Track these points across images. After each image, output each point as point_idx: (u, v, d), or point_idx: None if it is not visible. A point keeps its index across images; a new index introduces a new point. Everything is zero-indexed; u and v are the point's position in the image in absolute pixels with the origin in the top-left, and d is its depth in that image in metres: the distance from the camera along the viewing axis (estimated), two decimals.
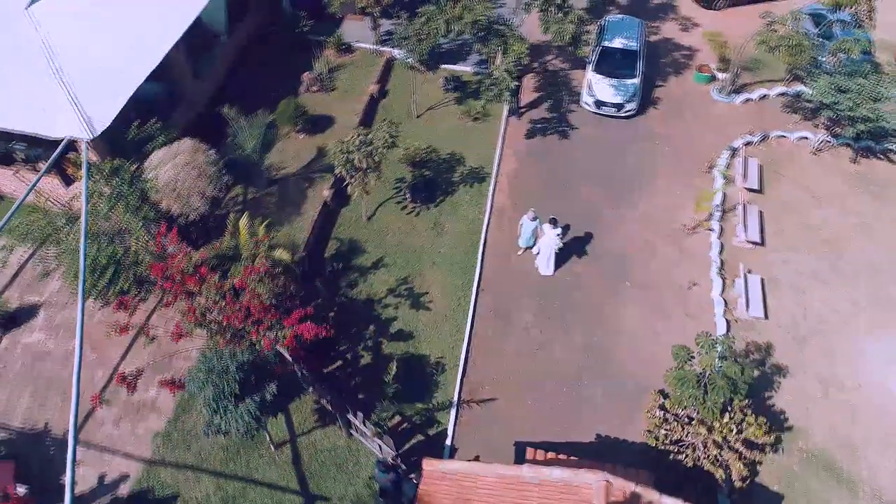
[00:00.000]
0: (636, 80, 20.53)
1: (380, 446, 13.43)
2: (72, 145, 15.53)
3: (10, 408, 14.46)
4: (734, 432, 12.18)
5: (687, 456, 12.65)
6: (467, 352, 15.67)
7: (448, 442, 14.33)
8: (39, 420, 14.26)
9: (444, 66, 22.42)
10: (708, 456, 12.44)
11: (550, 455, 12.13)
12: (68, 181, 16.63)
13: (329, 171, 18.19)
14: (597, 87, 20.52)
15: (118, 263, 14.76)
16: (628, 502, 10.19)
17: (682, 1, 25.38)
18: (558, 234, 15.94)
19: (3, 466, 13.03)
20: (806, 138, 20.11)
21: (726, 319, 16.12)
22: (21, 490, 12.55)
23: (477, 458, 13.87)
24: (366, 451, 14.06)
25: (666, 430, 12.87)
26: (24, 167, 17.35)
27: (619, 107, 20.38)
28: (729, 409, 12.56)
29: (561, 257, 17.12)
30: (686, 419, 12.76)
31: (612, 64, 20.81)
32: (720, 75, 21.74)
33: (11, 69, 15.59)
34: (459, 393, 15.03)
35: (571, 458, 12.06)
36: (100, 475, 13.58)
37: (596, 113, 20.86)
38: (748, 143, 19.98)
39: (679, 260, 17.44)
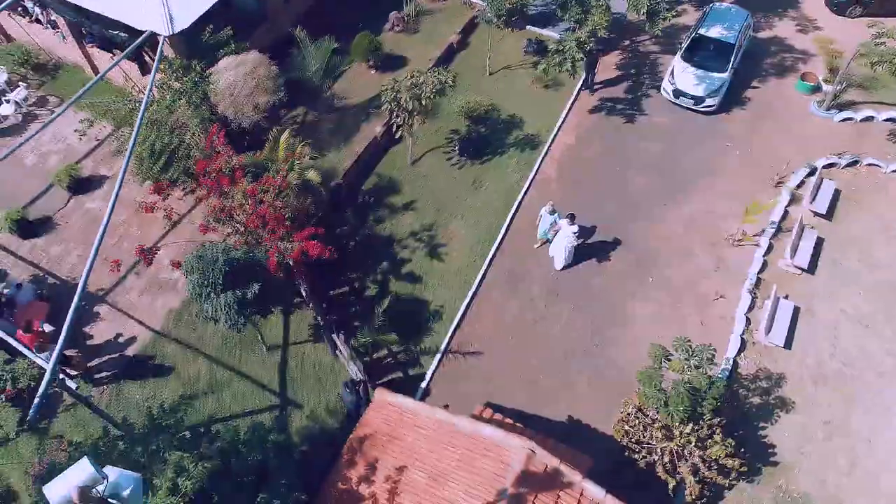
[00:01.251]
0: (724, 76, 19.20)
1: (356, 370, 14.14)
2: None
3: (61, 259, 16.41)
4: (693, 444, 11.71)
5: (642, 457, 12.35)
6: (468, 306, 15.89)
7: (423, 384, 14.77)
8: (81, 275, 16.03)
9: (531, 27, 22.04)
10: (662, 463, 12.09)
11: (497, 416, 12.25)
12: (146, 71, 18.16)
13: None
14: (679, 76, 19.42)
15: (172, 153, 16.14)
16: (548, 476, 10.22)
17: (810, 1, 23.15)
18: (574, 233, 15.44)
19: (39, 305, 14.94)
20: None
21: (742, 339, 15.23)
22: (47, 328, 14.34)
23: (446, 407, 14.21)
24: (346, 372, 14.78)
25: (630, 426, 12.60)
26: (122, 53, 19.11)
27: (698, 100, 19.21)
28: (700, 422, 12.05)
29: (591, 243, 16.75)
30: (652, 421, 12.40)
31: (703, 54, 19.56)
32: (825, 87, 19.86)
33: None
34: (448, 343, 15.35)
35: (517, 424, 12.11)
36: (116, 334, 15.23)
37: (673, 102, 19.80)
38: (830, 165, 18.28)
39: (713, 269, 16.54)
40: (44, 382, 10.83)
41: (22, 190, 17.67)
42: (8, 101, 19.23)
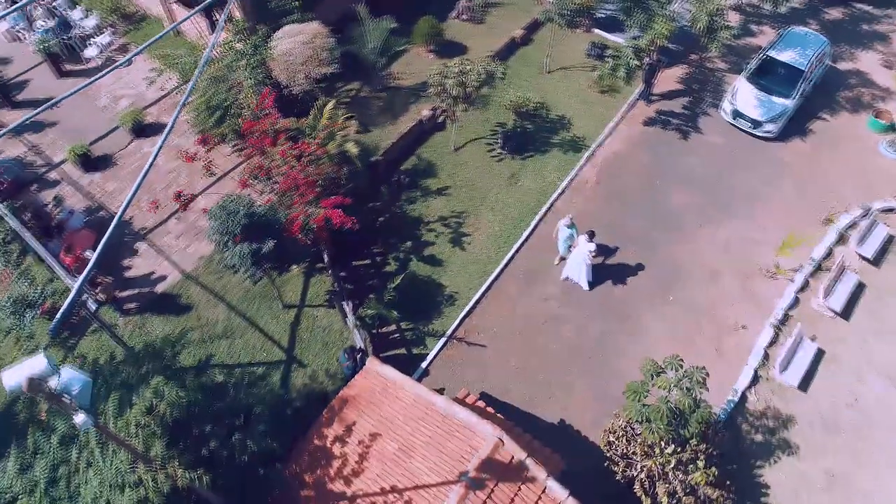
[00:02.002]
0: (788, 102, 18.41)
1: (360, 339, 14.59)
2: None
3: (114, 195, 17.59)
4: (672, 466, 11.48)
5: (622, 470, 12.21)
6: (481, 296, 16.03)
7: (424, 364, 15.04)
8: (128, 213, 17.22)
9: (597, 31, 21.80)
10: (640, 480, 11.92)
11: (480, 403, 12.38)
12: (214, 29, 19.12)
13: None
14: (740, 96, 18.76)
15: (226, 110, 17.00)
16: (513, 467, 10.31)
17: None
18: (591, 251, 15.15)
19: (87, 233, 16.11)
20: None
21: (756, 372, 14.72)
22: (88, 254, 15.47)
23: (441, 391, 14.46)
24: (353, 341, 15.25)
25: (615, 438, 12.48)
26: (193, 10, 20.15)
27: (756, 124, 18.53)
28: (685, 445, 11.78)
29: (617, 254, 16.55)
30: (636, 436, 12.23)
31: (770, 77, 18.82)
32: None
33: None
34: (455, 328, 15.55)
35: (498, 415, 12.20)
36: (149, 271, 16.25)
37: (731, 123, 19.17)
38: (889, 210, 17.27)
39: (740, 298, 16.01)
40: (68, 300, 11.73)
41: (91, 127, 19.05)
42: (93, 45, 20.70)
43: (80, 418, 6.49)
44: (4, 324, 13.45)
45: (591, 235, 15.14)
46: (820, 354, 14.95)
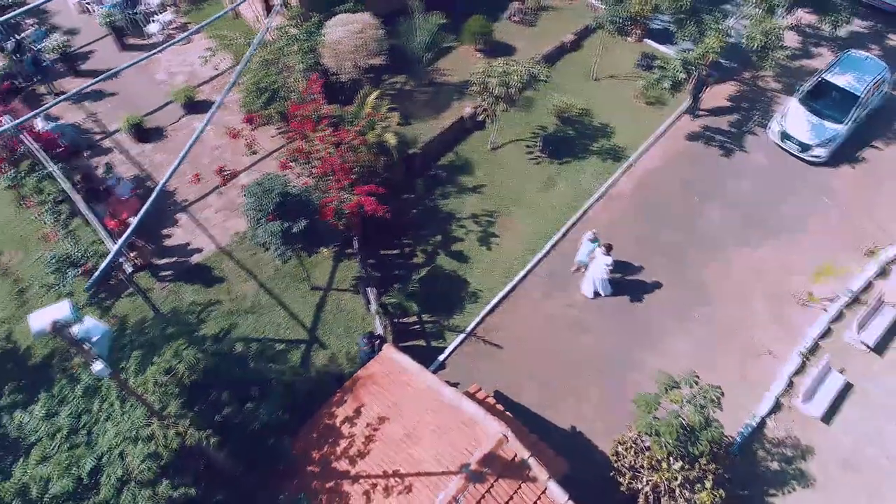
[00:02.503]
0: (840, 127, 17.88)
1: (380, 326, 14.84)
2: None
3: (161, 166, 18.26)
4: (679, 483, 11.34)
5: (627, 482, 12.12)
6: (505, 296, 16.08)
7: (441, 357, 15.20)
8: (172, 184, 17.88)
9: (649, 42, 21.57)
10: (645, 493, 11.81)
11: (491, 401, 12.45)
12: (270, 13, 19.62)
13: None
14: (790, 118, 18.30)
15: (275, 92, 17.48)
16: (515, 465, 10.37)
17: None
18: (608, 265, 15.01)
19: (133, 201, 16.78)
20: None
21: (777, 399, 14.39)
22: (132, 220, 16.13)
23: (455, 385, 14.58)
24: (374, 326, 15.50)
25: (624, 448, 12.39)
26: None
27: (805, 147, 18.05)
28: (694, 464, 11.62)
29: (648, 267, 16.41)
30: (644, 449, 12.12)
31: (823, 100, 18.30)
32: None
33: None
34: (476, 326, 15.65)
35: (507, 412, 12.25)
36: (186, 241, 16.85)
37: (778, 145, 18.71)
38: None
39: (768, 323, 15.65)
40: (106, 260, 12.33)
41: (147, 100, 19.83)
42: (156, 21, 21.55)
43: (97, 366, 6.88)
44: (47, 280, 14.19)
45: (609, 249, 15.02)
46: (847, 388, 14.52)
